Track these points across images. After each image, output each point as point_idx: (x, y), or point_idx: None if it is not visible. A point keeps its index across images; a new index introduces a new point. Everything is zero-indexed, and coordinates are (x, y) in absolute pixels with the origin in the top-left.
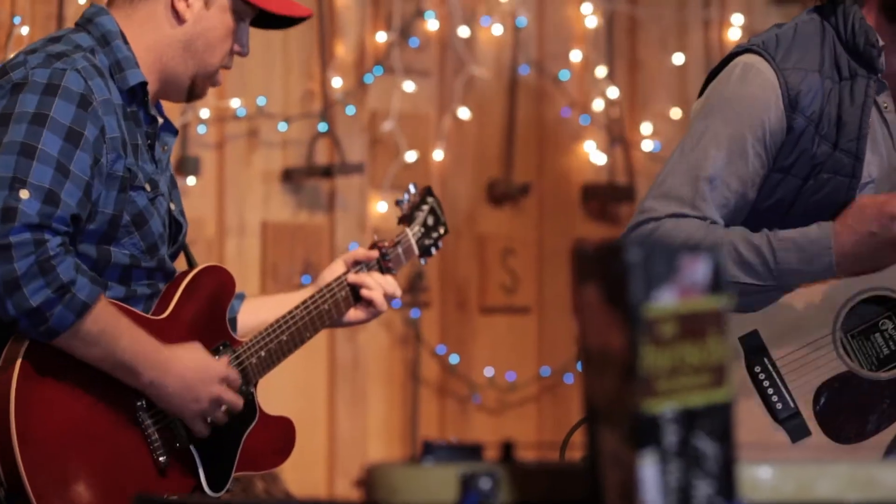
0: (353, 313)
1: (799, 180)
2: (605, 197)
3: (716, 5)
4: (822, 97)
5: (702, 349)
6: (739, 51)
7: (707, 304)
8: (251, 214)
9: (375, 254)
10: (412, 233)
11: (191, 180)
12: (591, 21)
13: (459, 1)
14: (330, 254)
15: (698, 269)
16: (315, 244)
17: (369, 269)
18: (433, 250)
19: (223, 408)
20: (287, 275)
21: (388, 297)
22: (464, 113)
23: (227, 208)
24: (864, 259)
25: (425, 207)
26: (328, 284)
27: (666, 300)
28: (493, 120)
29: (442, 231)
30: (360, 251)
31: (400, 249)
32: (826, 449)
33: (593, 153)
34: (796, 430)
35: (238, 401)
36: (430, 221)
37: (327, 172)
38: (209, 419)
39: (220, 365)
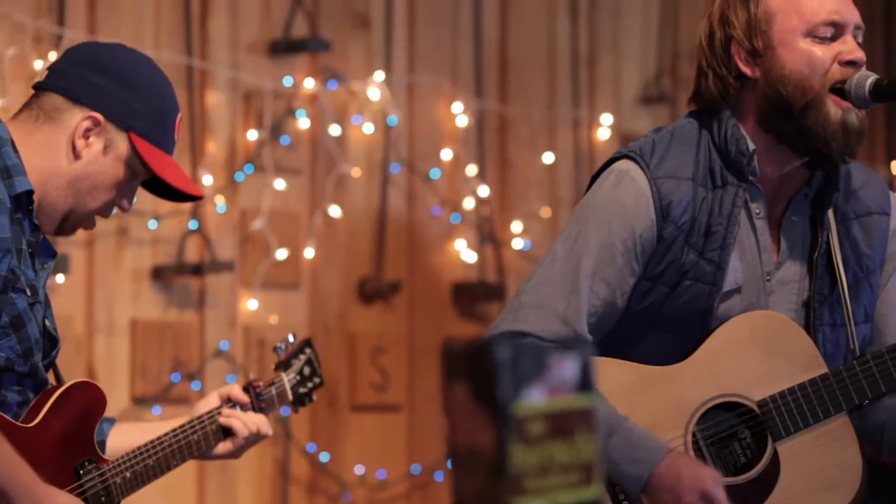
0: (222, 447)
1: (667, 288)
2: (475, 295)
3: (585, 105)
4: (693, 206)
5: (570, 447)
6: (618, 156)
7: (575, 403)
8: (120, 312)
9: (247, 399)
10: (287, 379)
11: (60, 278)
12: (462, 120)
13: (330, 99)
14: (200, 352)
15: (567, 368)
16: (185, 342)
17: (242, 406)
18: (307, 400)
19: None
20: (156, 373)
21: (258, 436)
22: (335, 211)
23: (97, 306)
24: (666, 497)
25: (303, 357)
26: (200, 416)
27: (534, 399)
28: (363, 218)
29: (317, 382)
30: (235, 390)
31: (274, 392)
32: None
33: (464, 251)
34: None
35: None
36: (307, 371)
37: (197, 270)
38: None
39: None
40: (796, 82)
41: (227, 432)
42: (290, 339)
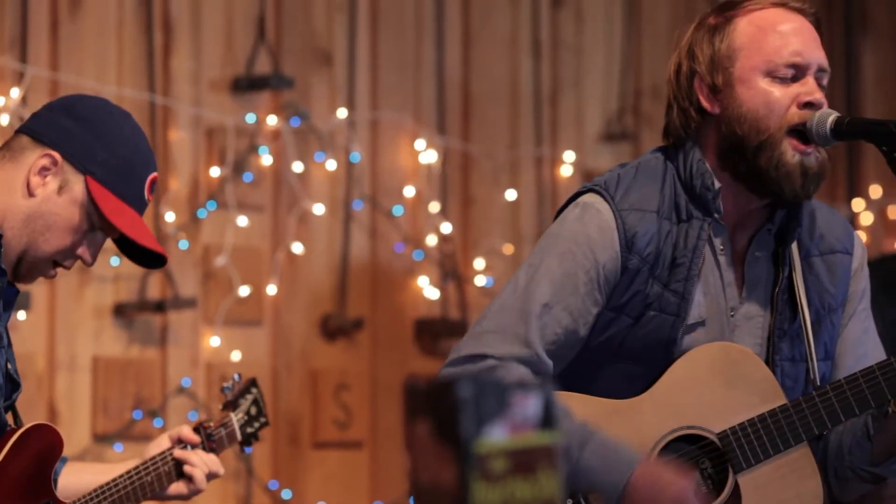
0: (175, 487)
1: (631, 319)
2: (438, 332)
3: (547, 143)
4: (658, 238)
5: (532, 484)
6: (583, 190)
7: (538, 440)
8: (82, 349)
9: (198, 439)
10: (236, 419)
11: (21, 315)
12: (425, 157)
13: (293, 136)
14: (162, 389)
15: (529, 405)
16: (147, 379)
17: (193, 447)
18: (253, 440)
19: None
20: (118, 410)
21: (210, 476)
22: (297, 248)
23: (58, 343)
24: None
25: (249, 397)
26: (153, 457)
27: (497, 436)
28: (326, 255)
29: (263, 421)
30: (185, 431)
31: (224, 432)
32: None
33: (426, 288)
34: None
35: None
36: (253, 411)
37: (160, 307)
38: None
39: None
40: (752, 121)
41: (179, 473)
42: (237, 378)
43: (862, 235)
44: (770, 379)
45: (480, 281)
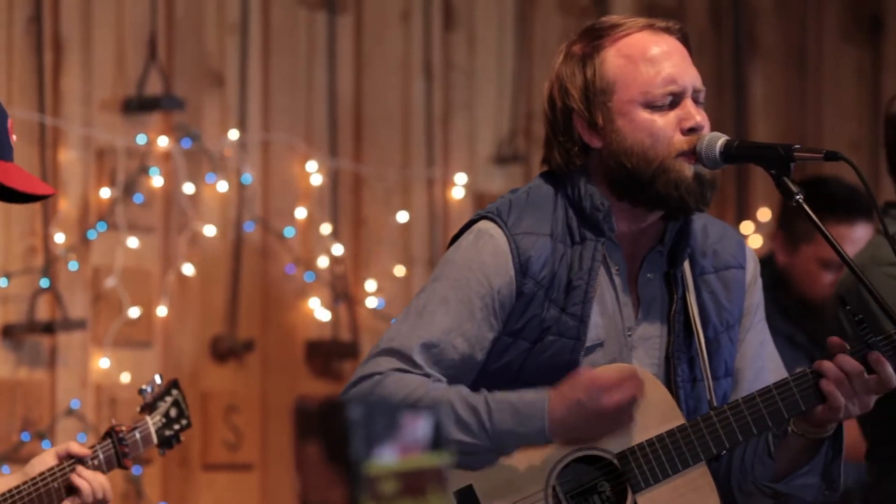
0: None
1: (528, 343)
2: (329, 354)
3: (439, 164)
4: (553, 261)
5: None
6: (476, 218)
7: (427, 462)
8: None
9: (88, 452)
10: (152, 422)
11: None
12: (316, 179)
13: (184, 158)
14: (50, 411)
15: (419, 427)
16: (35, 401)
17: (83, 463)
18: (174, 442)
19: None
20: (6, 432)
21: (100, 500)
22: (188, 269)
23: None
24: (574, 427)
25: (169, 399)
26: (41, 474)
27: (387, 458)
28: (217, 276)
29: (185, 423)
30: (74, 446)
31: (138, 435)
32: None
33: (318, 310)
34: None
35: None
36: (173, 413)
37: (48, 328)
38: None
39: None
40: (640, 153)
41: (69, 491)
42: (157, 380)
43: None
44: (668, 399)
45: (372, 303)
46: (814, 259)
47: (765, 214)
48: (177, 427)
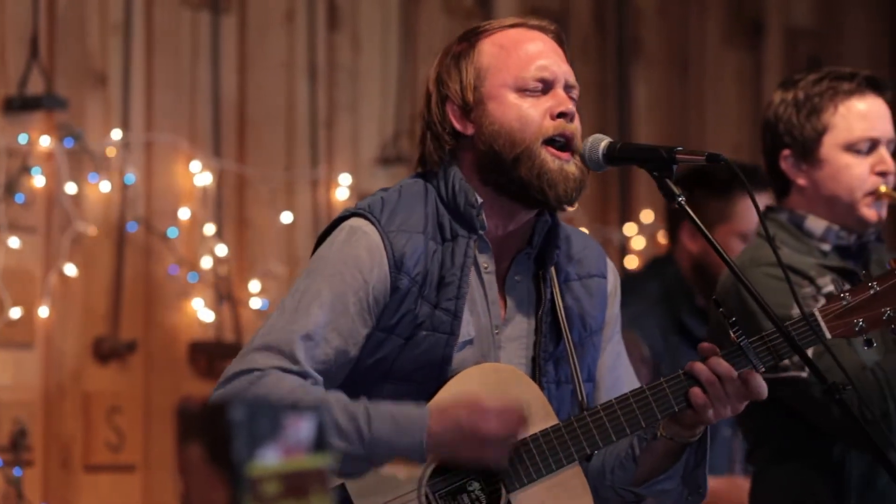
0: None
1: (402, 339)
2: (212, 354)
3: (323, 165)
4: (426, 258)
5: None
6: (346, 215)
7: (310, 463)
8: None
9: None
10: None
11: None
12: (200, 179)
13: (67, 157)
14: None
15: (302, 429)
16: None
17: None
18: None
19: None
20: None
21: None
22: (70, 269)
23: None
24: (449, 446)
25: None
26: None
27: (269, 459)
28: (100, 277)
29: None
30: None
31: None
32: None
33: (201, 310)
34: None
35: None
36: None
37: None
38: None
39: None
40: (507, 136)
41: None
42: None
43: (634, 260)
44: (541, 399)
45: (256, 303)
46: (733, 235)
47: (647, 216)
48: None
